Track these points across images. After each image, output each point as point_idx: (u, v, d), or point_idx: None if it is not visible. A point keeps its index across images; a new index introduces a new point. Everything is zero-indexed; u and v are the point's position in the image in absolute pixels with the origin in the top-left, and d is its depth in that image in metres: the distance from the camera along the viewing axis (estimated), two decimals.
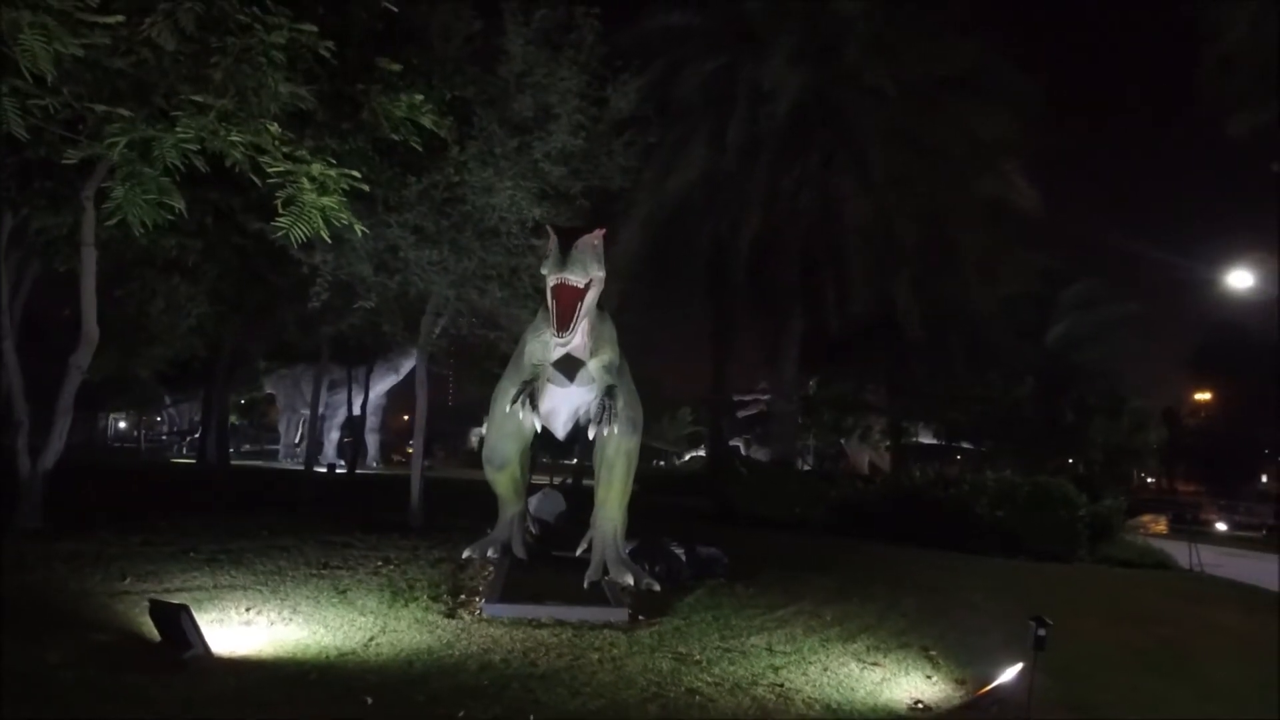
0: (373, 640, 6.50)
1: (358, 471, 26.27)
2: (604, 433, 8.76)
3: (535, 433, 9.38)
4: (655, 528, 11.09)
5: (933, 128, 19.76)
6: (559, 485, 19.58)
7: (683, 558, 10.01)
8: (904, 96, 19.41)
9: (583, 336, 8.53)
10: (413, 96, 8.94)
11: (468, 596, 8.11)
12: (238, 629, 6.51)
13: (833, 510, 18.79)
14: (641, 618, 7.72)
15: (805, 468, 33.36)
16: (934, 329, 22.34)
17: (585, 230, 8.25)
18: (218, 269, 13.78)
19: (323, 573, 8.58)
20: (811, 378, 33.94)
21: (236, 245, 12.55)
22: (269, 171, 7.42)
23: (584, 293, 8.09)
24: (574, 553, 10.03)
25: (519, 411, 8.67)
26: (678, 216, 20.54)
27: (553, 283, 8.05)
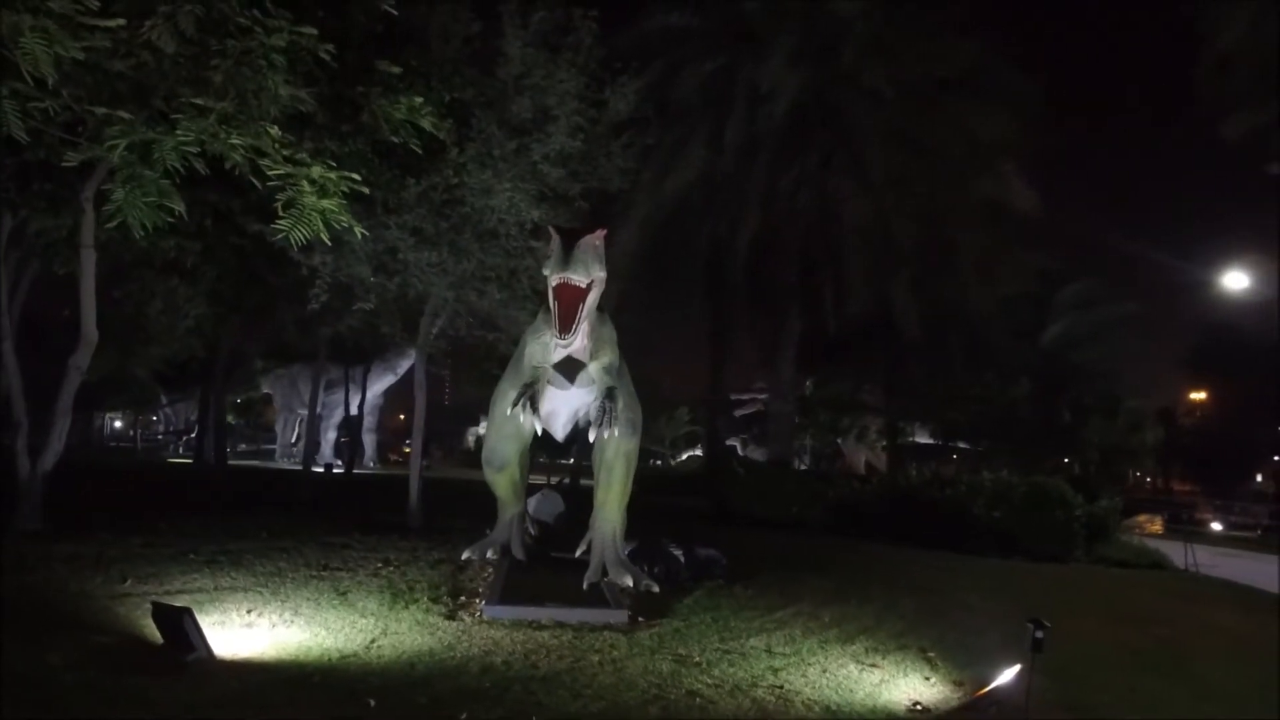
0: (374, 642, 6.52)
1: (355, 471, 26.27)
2: (604, 435, 8.79)
3: (535, 434, 9.41)
4: (653, 528, 11.11)
5: (931, 128, 19.80)
6: (556, 485, 19.57)
7: (681, 559, 10.03)
8: (902, 97, 19.46)
9: (583, 338, 8.54)
10: (412, 99, 8.96)
11: (468, 598, 8.12)
12: (239, 631, 6.52)
13: (830, 510, 18.83)
14: (641, 619, 7.74)
15: (802, 468, 33.39)
16: (931, 329, 22.40)
17: (587, 231, 8.27)
18: (216, 270, 13.79)
19: (323, 574, 8.60)
20: (809, 378, 34.01)
21: (235, 246, 12.54)
22: (269, 174, 7.43)
23: (586, 293, 8.09)
24: (573, 554, 10.05)
25: (519, 414, 8.69)
26: (676, 217, 20.58)
27: (555, 282, 8.06)
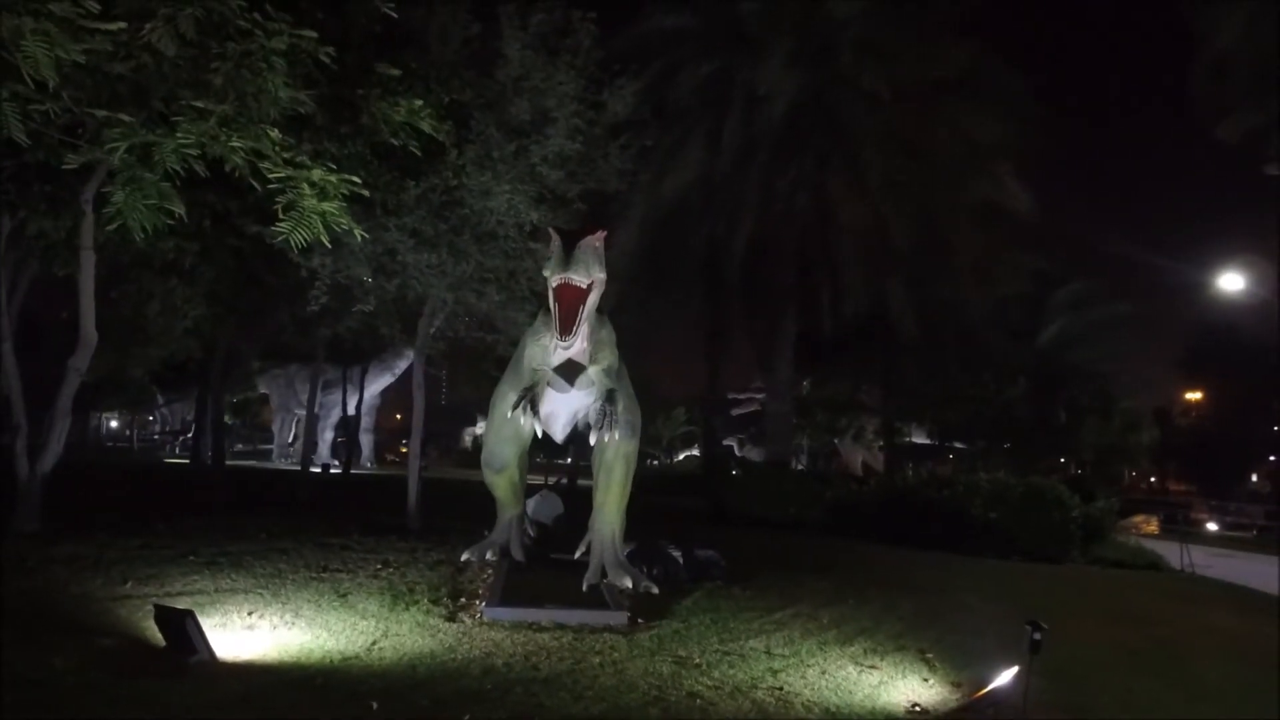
0: (375, 644, 6.54)
1: (352, 472, 26.26)
2: (604, 439, 8.82)
3: (535, 436, 9.42)
4: (651, 529, 11.13)
5: (928, 130, 19.86)
6: (554, 486, 19.58)
7: (680, 560, 10.05)
8: (899, 99, 19.51)
9: (583, 340, 8.53)
10: (411, 101, 9.00)
11: (468, 599, 8.13)
12: (241, 633, 6.53)
13: (828, 511, 18.87)
14: (641, 621, 7.75)
15: (799, 468, 33.46)
16: (928, 330, 22.46)
17: (587, 232, 8.30)
18: (214, 271, 13.79)
19: (323, 576, 8.60)
20: (806, 378, 34.05)
21: (233, 248, 12.54)
22: (269, 177, 7.45)
23: (586, 294, 8.10)
24: (572, 555, 10.07)
25: (520, 416, 8.70)
26: (674, 218, 20.61)
27: (555, 283, 8.06)
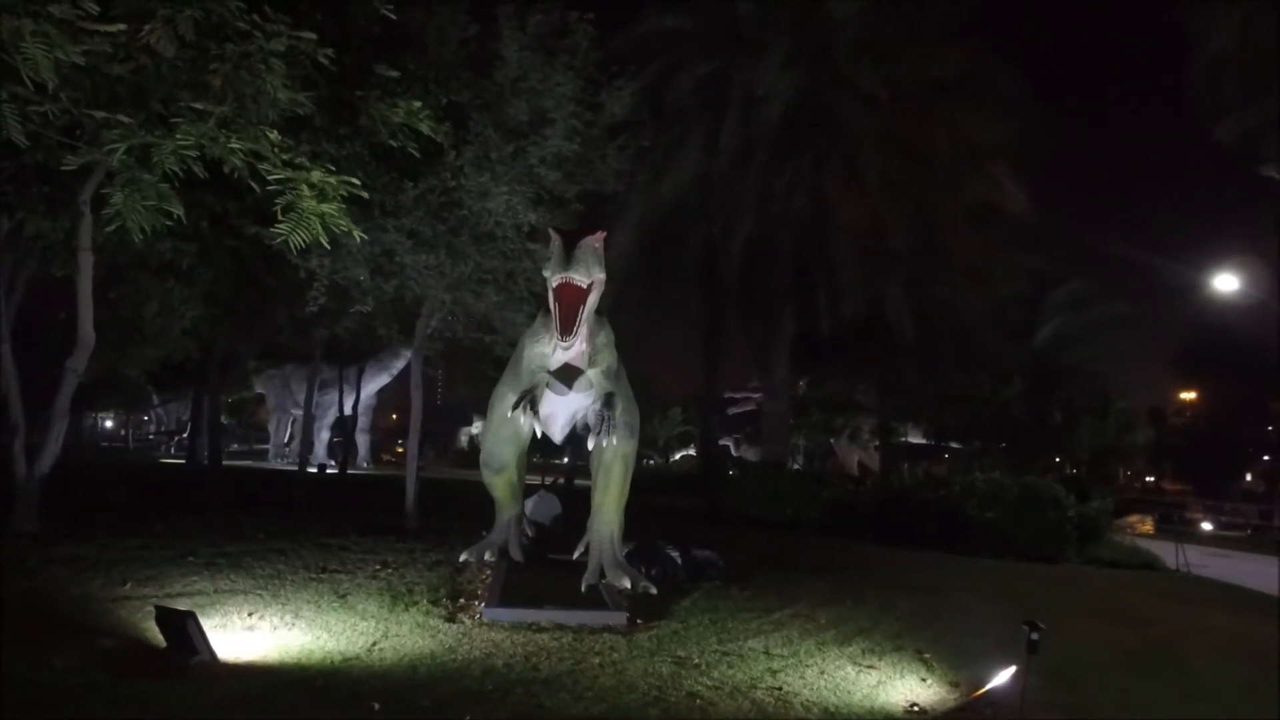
0: (375, 645, 6.55)
1: (349, 472, 26.24)
2: (603, 444, 8.83)
3: (535, 436, 9.44)
4: (649, 529, 11.16)
5: (924, 131, 19.91)
6: (551, 486, 19.59)
7: (678, 560, 10.08)
8: (896, 100, 19.57)
9: (583, 342, 8.55)
10: (410, 102, 9.00)
11: (467, 600, 8.15)
12: (241, 634, 6.54)
13: (825, 511, 18.92)
14: (640, 621, 7.78)
15: (795, 467, 33.50)
16: (925, 330, 22.53)
17: (587, 233, 8.32)
18: (212, 272, 13.77)
19: (322, 576, 8.61)
20: (803, 378, 34.11)
21: (231, 248, 12.52)
22: (268, 178, 7.45)
23: (587, 293, 8.12)
24: (570, 556, 10.09)
25: (520, 416, 8.71)
26: (671, 218, 20.66)
27: (556, 283, 8.08)
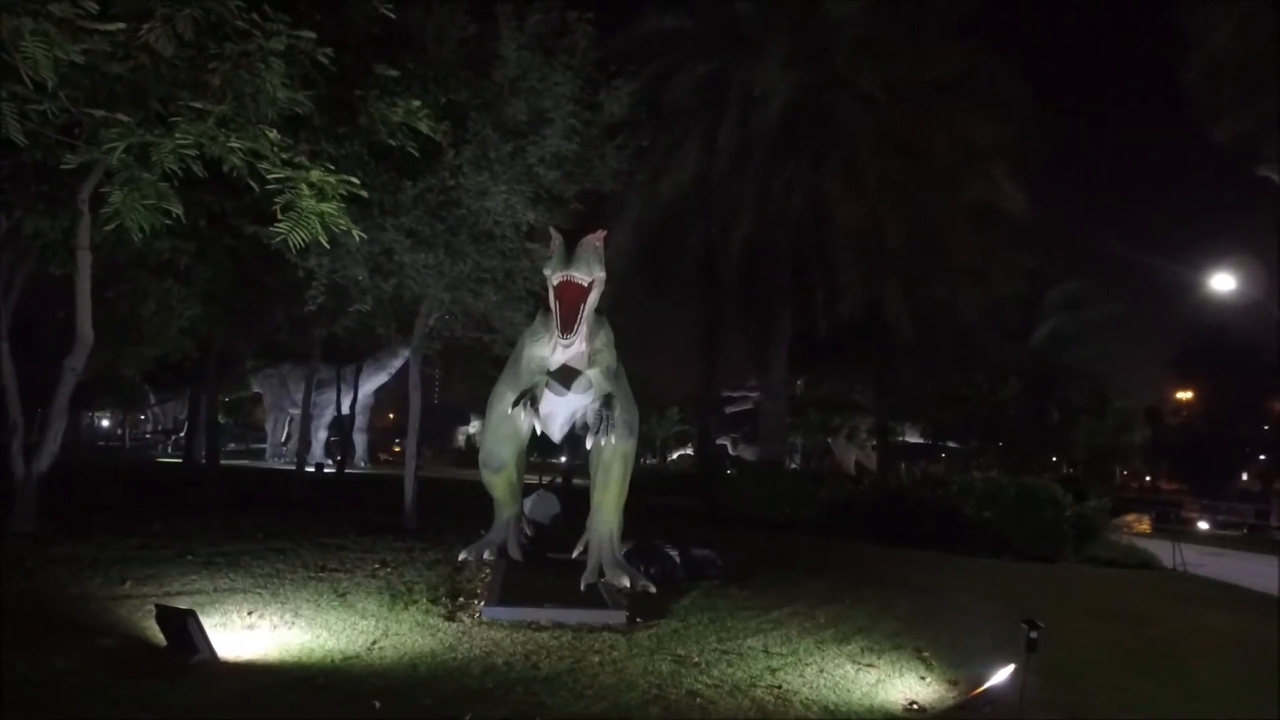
0: (375, 644, 6.55)
1: (346, 471, 26.21)
2: (602, 443, 8.84)
3: (534, 435, 9.44)
4: (647, 529, 11.17)
5: (923, 131, 19.93)
6: (550, 485, 19.61)
7: (677, 559, 10.10)
8: (895, 100, 19.60)
9: (583, 341, 8.57)
10: (409, 101, 8.99)
11: (466, 599, 8.16)
12: (241, 633, 6.54)
13: (822, 510, 18.94)
14: (639, 620, 7.79)
15: (792, 467, 33.53)
16: (922, 330, 22.55)
17: (588, 231, 8.34)
18: (211, 271, 13.74)
19: (321, 575, 8.61)
20: (800, 377, 34.13)
21: (230, 247, 12.50)
22: (267, 177, 7.45)
23: (588, 292, 8.15)
24: (570, 555, 10.10)
25: (519, 414, 8.72)
26: (670, 218, 20.67)
27: (557, 281, 8.10)
